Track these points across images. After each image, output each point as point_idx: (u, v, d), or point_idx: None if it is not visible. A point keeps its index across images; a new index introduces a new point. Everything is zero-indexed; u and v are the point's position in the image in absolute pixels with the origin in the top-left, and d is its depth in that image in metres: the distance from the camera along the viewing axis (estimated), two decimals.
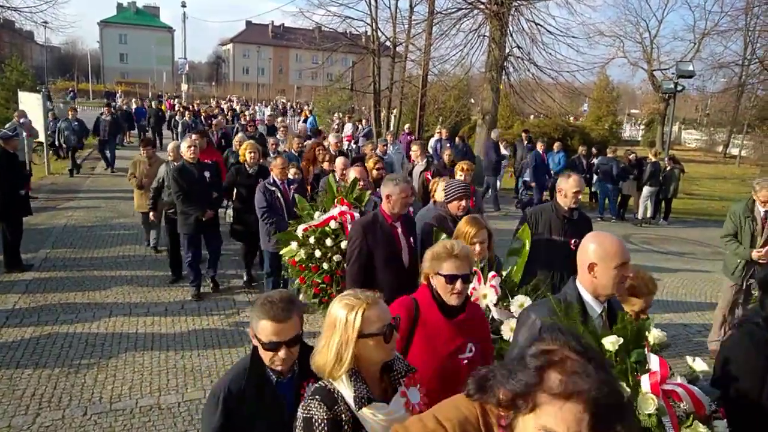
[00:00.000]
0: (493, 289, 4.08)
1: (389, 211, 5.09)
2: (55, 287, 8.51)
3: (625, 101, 54.77)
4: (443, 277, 3.27)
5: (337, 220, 6.05)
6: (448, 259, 3.28)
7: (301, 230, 6.19)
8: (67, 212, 13.10)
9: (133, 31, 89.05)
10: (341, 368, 2.41)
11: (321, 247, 6.01)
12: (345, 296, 2.56)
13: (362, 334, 2.42)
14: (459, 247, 3.34)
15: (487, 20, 19.63)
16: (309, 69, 31.39)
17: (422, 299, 3.40)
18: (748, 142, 35.72)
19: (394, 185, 5.03)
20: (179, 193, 8.25)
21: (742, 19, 22.11)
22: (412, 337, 3.32)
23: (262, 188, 7.82)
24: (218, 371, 6.30)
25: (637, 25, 39.77)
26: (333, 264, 5.95)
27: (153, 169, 10.11)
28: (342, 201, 6.19)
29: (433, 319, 3.32)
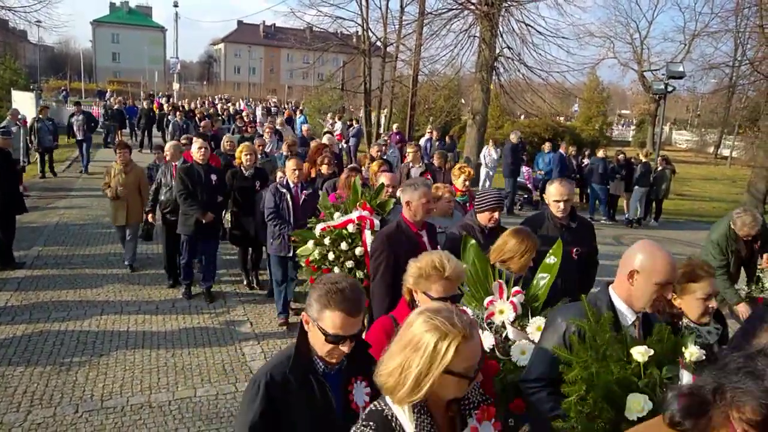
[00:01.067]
0: (512, 306, 3.70)
1: (411, 218, 4.82)
2: (47, 285, 8.54)
3: (616, 102, 54.99)
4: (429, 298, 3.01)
5: (355, 224, 5.75)
6: (439, 281, 3.02)
7: (320, 229, 5.94)
8: (59, 210, 13.11)
9: (125, 31, 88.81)
10: (412, 397, 2.03)
11: (336, 250, 5.76)
12: (437, 315, 2.06)
13: (449, 371, 1.99)
14: (451, 267, 3.03)
15: (478, 21, 19.71)
16: (300, 69, 31.32)
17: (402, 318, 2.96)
18: (739, 143, 35.92)
19: (413, 190, 4.75)
20: (183, 192, 8.01)
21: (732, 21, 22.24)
22: None
23: (273, 189, 7.54)
24: (209, 369, 6.35)
25: (627, 26, 40.04)
26: (345, 270, 5.65)
27: (130, 177, 9.32)
28: (365, 205, 5.87)
29: None
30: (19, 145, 14.29)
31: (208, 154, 8.32)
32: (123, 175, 9.27)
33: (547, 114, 25.41)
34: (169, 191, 8.54)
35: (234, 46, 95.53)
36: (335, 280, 2.45)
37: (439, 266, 3.03)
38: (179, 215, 8.23)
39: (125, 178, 9.27)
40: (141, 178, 9.55)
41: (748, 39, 22.42)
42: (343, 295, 2.38)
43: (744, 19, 21.26)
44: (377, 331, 3.17)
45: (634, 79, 40.89)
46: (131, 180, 9.32)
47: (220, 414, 5.50)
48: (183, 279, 8.51)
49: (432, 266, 3.04)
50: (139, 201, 9.42)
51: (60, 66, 79.50)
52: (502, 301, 3.74)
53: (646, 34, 39.93)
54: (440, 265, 3.03)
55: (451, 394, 2.10)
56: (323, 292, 2.41)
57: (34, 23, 28.75)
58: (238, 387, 6.01)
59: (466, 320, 2.06)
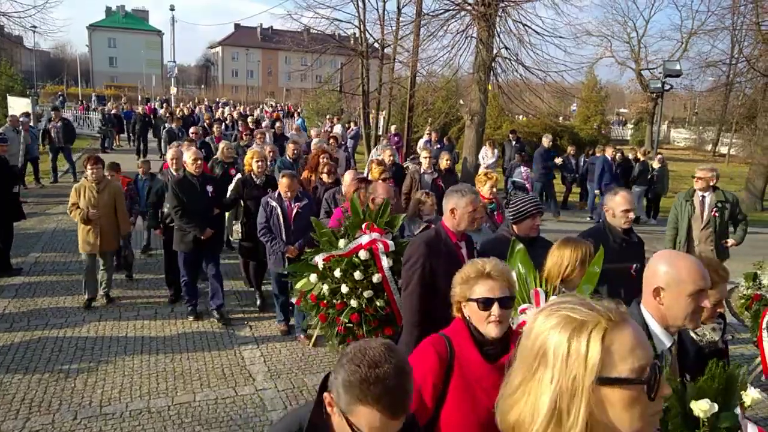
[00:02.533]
0: None
1: (454, 227, 4.33)
2: (44, 291, 8.53)
3: (614, 101, 54.99)
4: (475, 302, 2.68)
5: (367, 250, 5.20)
6: (480, 280, 2.71)
7: (321, 260, 5.37)
8: (56, 216, 13.07)
9: (122, 35, 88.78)
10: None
11: (348, 281, 5.19)
12: (562, 304, 1.39)
13: (604, 378, 1.27)
14: (492, 265, 2.75)
15: (475, 21, 19.68)
16: (298, 71, 31.30)
17: (456, 336, 2.74)
18: (737, 141, 35.95)
19: (460, 197, 4.28)
20: (177, 208, 7.50)
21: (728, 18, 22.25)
22: (447, 387, 2.65)
23: (263, 202, 7.18)
24: (208, 374, 6.33)
25: (624, 24, 40.06)
26: (363, 300, 5.15)
27: (104, 196, 7.94)
28: (372, 227, 5.33)
29: (471, 361, 2.65)
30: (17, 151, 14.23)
31: (202, 165, 7.84)
32: (95, 194, 7.88)
33: (546, 114, 25.41)
34: None
35: (231, 49, 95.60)
36: (374, 360, 1.78)
37: (480, 266, 2.76)
38: (175, 232, 7.75)
39: (98, 197, 7.89)
40: (117, 196, 8.19)
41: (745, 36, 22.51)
42: (385, 386, 1.74)
43: (740, 17, 21.28)
44: (426, 352, 2.72)
45: (632, 78, 40.97)
46: (105, 199, 7.97)
47: (219, 419, 5.48)
48: (188, 302, 7.91)
49: (472, 267, 2.78)
50: (115, 224, 8.13)
51: (56, 71, 79.53)
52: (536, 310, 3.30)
53: (643, 33, 39.94)
54: (481, 265, 2.77)
55: (629, 425, 1.30)
56: (357, 380, 1.76)
57: (29, 28, 28.71)
58: (238, 391, 5.98)
59: (611, 305, 1.37)
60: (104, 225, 7.93)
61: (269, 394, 5.98)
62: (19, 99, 21.92)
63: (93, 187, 7.91)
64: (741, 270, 6.01)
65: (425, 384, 2.64)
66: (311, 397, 5.85)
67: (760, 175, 19.60)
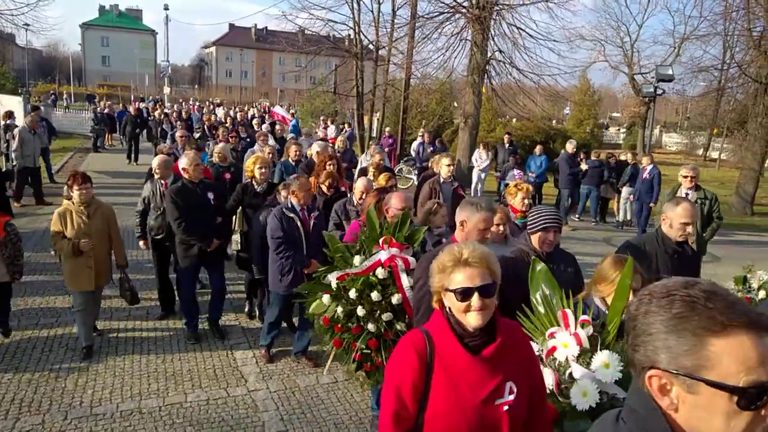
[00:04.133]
0: (575, 338, 3.05)
1: (462, 241, 3.82)
2: (35, 291, 8.47)
3: (607, 105, 55.26)
4: (453, 292, 2.49)
5: (386, 268, 4.61)
6: (458, 268, 2.51)
7: (335, 279, 4.77)
8: (47, 216, 12.98)
9: (115, 34, 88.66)
10: None
11: (365, 303, 4.59)
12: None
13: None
14: (470, 251, 2.53)
15: (469, 24, 19.77)
16: (292, 72, 31.29)
17: (436, 329, 2.58)
18: (728, 145, 36.13)
19: (473, 211, 3.97)
20: (179, 220, 6.80)
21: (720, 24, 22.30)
22: (429, 384, 2.50)
23: (278, 214, 6.29)
24: (199, 375, 6.32)
25: (617, 29, 40.10)
26: (381, 324, 4.57)
27: (96, 221, 6.50)
28: (391, 241, 4.72)
29: (452, 355, 2.50)
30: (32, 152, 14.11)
31: (201, 170, 7.21)
32: (85, 220, 6.40)
33: (539, 117, 25.52)
34: (160, 215, 7.49)
35: (226, 50, 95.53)
36: None
37: (456, 252, 2.54)
38: (176, 246, 7.06)
39: (89, 223, 6.43)
40: (110, 219, 6.75)
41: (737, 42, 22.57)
42: None
43: (732, 23, 21.37)
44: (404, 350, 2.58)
45: (625, 82, 41.00)
46: (98, 225, 6.53)
47: (211, 419, 5.47)
48: (188, 323, 7.23)
49: (448, 255, 2.56)
50: (109, 253, 6.81)
51: (49, 70, 79.39)
52: (565, 333, 3.12)
53: (636, 38, 39.97)
54: (457, 251, 2.55)
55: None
56: None
57: (21, 26, 28.65)
58: (230, 392, 5.98)
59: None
60: (99, 256, 6.55)
61: (261, 395, 5.97)
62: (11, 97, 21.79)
63: (81, 212, 6.41)
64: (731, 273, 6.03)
65: (404, 385, 2.50)
66: (303, 399, 5.87)
67: (750, 179, 19.72)
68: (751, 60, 20.13)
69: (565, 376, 3.00)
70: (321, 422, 5.54)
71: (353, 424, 5.53)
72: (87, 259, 6.42)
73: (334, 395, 6.04)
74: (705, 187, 8.59)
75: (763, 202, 22.07)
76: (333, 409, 5.78)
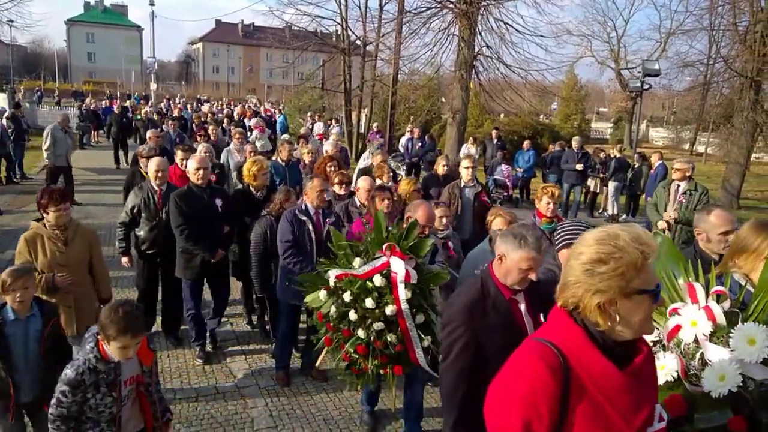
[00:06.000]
0: (706, 312, 2.51)
1: (503, 278, 3.32)
2: None
3: (594, 99, 55.45)
4: (645, 294, 1.91)
5: (382, 275, 4.35)
6: (647, 264, 1.91)
7: (334, 276, 4.54)
8: (34, 213, 12.88)
9: (100, 30, 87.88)
10: None
11: (359, 308, 4.35)
12: None
13: None
14: (652, 241, 1.95)
15: (457, 19, 19.78)
16: (279, 68, 31.22)
17: (570, 344, 1.95)
18: (714, 140, 36.31)
19: (516, 246, 3.26)
20: (183, 227, 6.24)
21: (706, 19, 22.38)
22: (566, 415, 1.89)
23: (290, 216, 5.90)
24: (188, 372, 6.30)
25: (604, 24, 40.44)
26: (372, 333, 4.32)
27: (75, 249, 5.13)
28: (393, 249, 4.41)
29: (598, 373, 1.90)
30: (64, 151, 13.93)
31: (208, 174, 6.55)
32: (61, 247, 5.04)
33: (526, 112, 25.59)
34: (156, 226, 6.70)
35: (212, 46, 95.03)
36: None
37: (642, 239, 1.92)
38: (178, 256, 6.49)
39: (66, 250, 5.06)
40: (92, 245, 5.39)
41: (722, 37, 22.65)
42: None
43: (718, 17, 21.45)
44: (530, 368, 1.95)
45: (612, 77, 41.42)
46: (77, 253, 5.15)
47: (200, 415, 5.46)
48: (196, 339, 6.64)
49: (638, 242, 1.92)
50: (93, 289, 5.38)
51: (34, 66, 78.73)
52: (693, 308, 2.58)
53: (622, 33, 40.36)
54: (643, 238, 1.93)
55: None
56: None
57: (5, 22, 28.51)
58: (219, 388, 5.97)
59: None
60: (80, 292, 5.17)
61: (250, 390, 5.96)
62: None
63: (57, 237, 5.06)
64: None
65: (538, 416, 1.89)
66: (292, 394, 5.87)
67: (736, 174, 19.82)
68: (736, 55, 20.23)
69: (695, 361, 2.47)
70: (310, 417, 5.54)
71: (342, 420, 5.54)
72: (65, 298, 5.01)
73: (324, 390, 6.04)
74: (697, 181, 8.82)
75: (749, 195, 22.21)
76: (322, 404, 5.78)
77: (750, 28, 19.04)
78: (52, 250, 5.01)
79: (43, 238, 5.03)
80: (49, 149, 13.59)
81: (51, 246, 5.02)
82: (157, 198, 6.74)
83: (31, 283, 4.08)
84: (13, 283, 3.91)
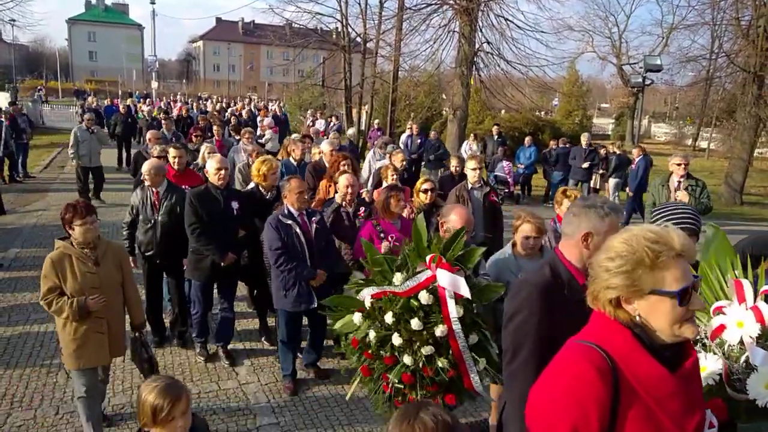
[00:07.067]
0: (755, 313, 2.35)
1: (579, 261, 2.83)
2: (25, 287, 8.46)
3: (595, 95, 55.36)
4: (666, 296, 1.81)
5: (428, 291, 3.85)
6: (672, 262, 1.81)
7: (370, 295, 4.07)
8: (36, 212, 12.96)
9: (102, 29, 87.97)
10: None
11: (403, 330, 3.86)
12: None
13: None
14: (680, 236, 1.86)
15: (457, 16, 19.77)
16: (280, 65, 31.12)
17: (617, 346, 1.86)
18: (717, 135, 36.26)
19: (601, 217, 2.79)
20: (195, 226, 6.13)
21: (708, 14, 22.38)
22: (616, 421, 1.80)
23: (274, 222, 5.62)
24: (191, 369, 6.32)
25: (605, 19, 40.40)
26: (420, 358, 3.82)
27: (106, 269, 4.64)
28: (440, 261, 3.90)
29: (648, 376, 1.81)
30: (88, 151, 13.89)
31: (227, 175, 6.37)
32: (92, 267, 4.54)
33: (527, 108, 25.56)
34: (151, 228, 6.55)
35: (213, 44, 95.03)
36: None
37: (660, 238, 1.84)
38: (189, 256, 6.40)
39: (98, 271, 4.56)
40: (123, 263, 4.93)
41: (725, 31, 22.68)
42: None
43: (720, 12, 21.45)
44: (578, 371, 1.85)
45: (613, 73, 41.41)
46: (108, 272, 4.67)
47: (202, 413, 5.46)
48: (197, 336, 6.63)
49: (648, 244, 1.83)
50: (123, 314, 4.91)
51: (36, 65, 78.84)
52: (740, 308, 2.41)
53: (624, 28, 40.36)
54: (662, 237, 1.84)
55: None
56: None
57: (8, 22, 28.54)
58: (221, 385, 6.00)
59: None
60: (112, 316, 4.73)
61: (252, 388, 5.99)
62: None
63: (86, 256, 4.56)
64: None
65: (587, 422, 1.80)
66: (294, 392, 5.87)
67: (739, 169, 19.81)
68: (739, 49, 20.21)
69: (740, 364, 2.32)
70: (312, 414, 5.56)
71: (344, 416, 5.55)
72: (97, 323, 4.58)
73: (326, 387, 6.06)
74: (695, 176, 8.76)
75: (752, 191, 22.19)
76: (324, 401, 5.80)
77: (753, 23, 19.01)
78: (83, 271, 4.49)
79: (72, 258, 4.50)
80: (74, 150, 13.64)
81: (81, 266, 4.50)
82: (153, 199, 6.59)
83: (189, 404, 3.19)
84: (173, 409, 2.99)
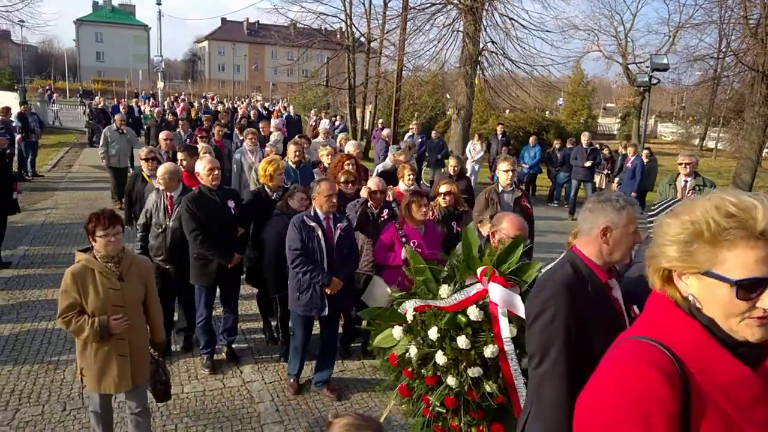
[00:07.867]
0: None
1: (602, 258, 2.71)
2: (33, 284, 8.54)
3: (601, 95, 55.23)
4: (726, 282, 1.50)
5: (478, 307, 3.54)
6: (742, 242, 1.48)
7: (412, 308, 3.78)
8: (45, 210, 13.05)
9: (109, 30, 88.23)
10: None
11: (448, 348, 3.52)
12: None
13: None
14: (765, 210, 1.49)
15: (461, 15, 19.76)
16: (284, 65, 31.22)
17: (687, 344, 1.58)
18: (724, 135, 36.13)
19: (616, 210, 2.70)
20: (196, 232, 5.96)
21: (716, 12, 22.25)
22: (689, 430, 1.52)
23: (298, 222, 5.53)
24: (196, 366, 6.37)
25: (611, 18, 40.31)
26: (466, 380, 3.46)
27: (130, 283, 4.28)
28: (493, 275, 3.56)
29: (726, 379, 1.53)
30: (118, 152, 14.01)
31: (218, 176, 6.24)
32: (116, 283, 4.19)
33: (532, 108, 25.55)
34: (161, 233, 6.39)
35: (218, 44, 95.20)
36: None
37: (732, 210, 1.51)
38: (192, 262, 6.20)
39: (122, 288, 4.22)
40: (148, 280, 4.50)
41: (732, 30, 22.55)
42: None
43: (728, 10, 21.34)
44: (641, 378, 1.53)
45: (619, 72, 41.12)
46: (133, 290, 4.31)
47: (207, 410, 5.53)
48: (203, 348, 6.38)
49: (722, 212, 1.52)
50: (146, 334, 4.54)
51: (44, 66, 79.18)
52: None
53: (630, 27, 40.08)
54: (741, 206, 1.51)
55: None
56: None
57: (16, 23, 28.59)
58: (225, 383, 6.05)
59: None
60: (135, 338, 4.35)
61: (256, 386, 6.04)
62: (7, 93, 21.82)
63: (110, 271, 4.20)
64: None
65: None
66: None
67: (747, 169, 19.73)
68: (747, 48, 20.10)
69: None
70: (316, 413, 5.60)
71: None
72: (119, 344, 4.21)
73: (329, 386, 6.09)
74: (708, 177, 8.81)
75: (760, 191, 22.10)
76: (328, 400, 5.84)
77: (761, 21, 18.90)
78: (106, 287, 4.14)
79: (95, 273, 4.16)
80: (104, 150, 13.75)
81: (104, 282, 4.15)
82: (167, 204, 6.45)
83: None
84: None
